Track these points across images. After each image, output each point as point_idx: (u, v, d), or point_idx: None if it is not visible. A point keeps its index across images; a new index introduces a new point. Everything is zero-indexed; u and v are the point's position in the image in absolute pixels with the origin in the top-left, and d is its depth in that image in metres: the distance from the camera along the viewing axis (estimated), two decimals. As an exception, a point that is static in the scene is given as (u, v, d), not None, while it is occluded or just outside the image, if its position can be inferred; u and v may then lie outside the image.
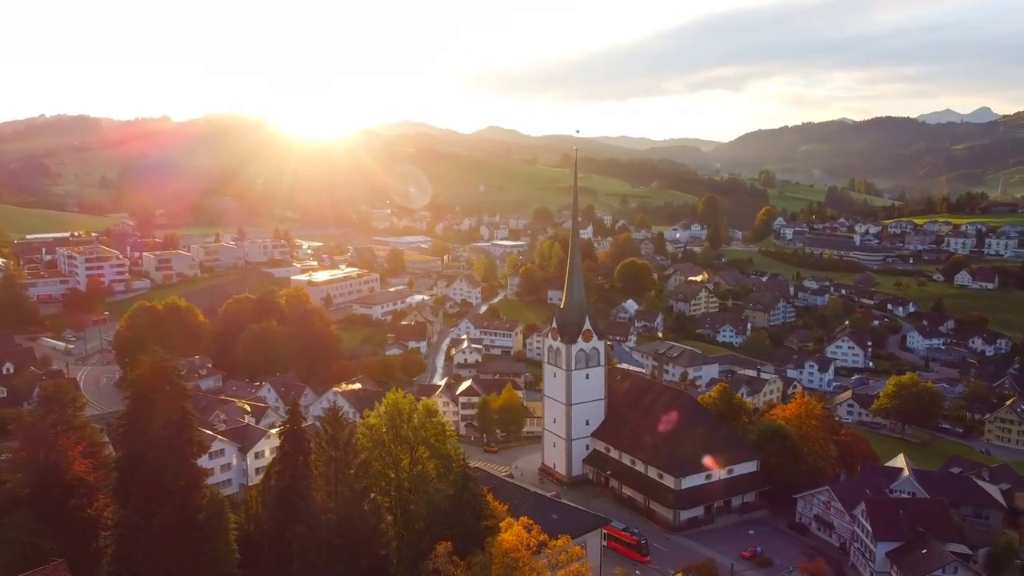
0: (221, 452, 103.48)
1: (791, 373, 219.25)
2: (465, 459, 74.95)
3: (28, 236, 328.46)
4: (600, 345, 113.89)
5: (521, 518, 58.24)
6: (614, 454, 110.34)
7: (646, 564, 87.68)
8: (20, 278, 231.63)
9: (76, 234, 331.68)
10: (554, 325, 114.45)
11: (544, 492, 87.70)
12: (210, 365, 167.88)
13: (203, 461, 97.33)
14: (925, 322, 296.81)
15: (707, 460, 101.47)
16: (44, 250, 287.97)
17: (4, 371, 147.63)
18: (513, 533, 55.35)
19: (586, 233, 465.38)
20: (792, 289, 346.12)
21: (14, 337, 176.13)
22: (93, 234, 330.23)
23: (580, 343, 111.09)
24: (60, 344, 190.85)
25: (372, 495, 69.93)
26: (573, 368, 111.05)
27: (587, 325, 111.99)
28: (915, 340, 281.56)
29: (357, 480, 68.49)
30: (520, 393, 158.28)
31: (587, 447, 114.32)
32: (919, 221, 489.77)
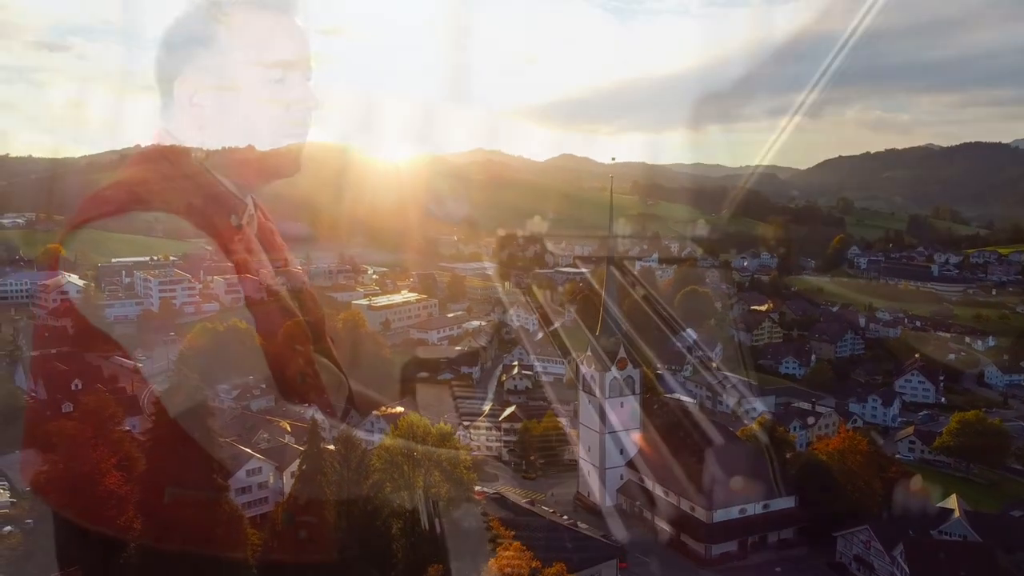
0: (259, 470, 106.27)
1: (853, 407, 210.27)
2: (473, 485, 75.28)
3: (113, 260, 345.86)
4: (635, 373, 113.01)
5: (514, 544, 58.15)
6: (648, 484, 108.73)
7: (623, 571, 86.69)
8: (98, 300, 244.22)
9: (155, 258, 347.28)
10: (588, 352, 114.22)
11: (561, 521, 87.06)
12: (264, 386, 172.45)
13: (240, 478, 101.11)
14: (1006, 356, 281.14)
15: (741, 493, 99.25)
16: (124, 273, 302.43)
17: (73, 387, 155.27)
18: (505, 558, 55.27)
19: (651, 261, 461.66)
20: (863, 320, 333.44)
21: (84, 355, 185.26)
22: (171, 258, 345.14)
23: (614, 371, 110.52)
24: (128, 363, 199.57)
25: (384, 516, 71.02)
26: (607, 396, 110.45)
27: (622, 353, 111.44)
28: (993, 375, 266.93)
29: (368, 501, 69.84)
30: (564, 420, 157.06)
31: (621, 476, 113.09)
32: (1004, 251, 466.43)
